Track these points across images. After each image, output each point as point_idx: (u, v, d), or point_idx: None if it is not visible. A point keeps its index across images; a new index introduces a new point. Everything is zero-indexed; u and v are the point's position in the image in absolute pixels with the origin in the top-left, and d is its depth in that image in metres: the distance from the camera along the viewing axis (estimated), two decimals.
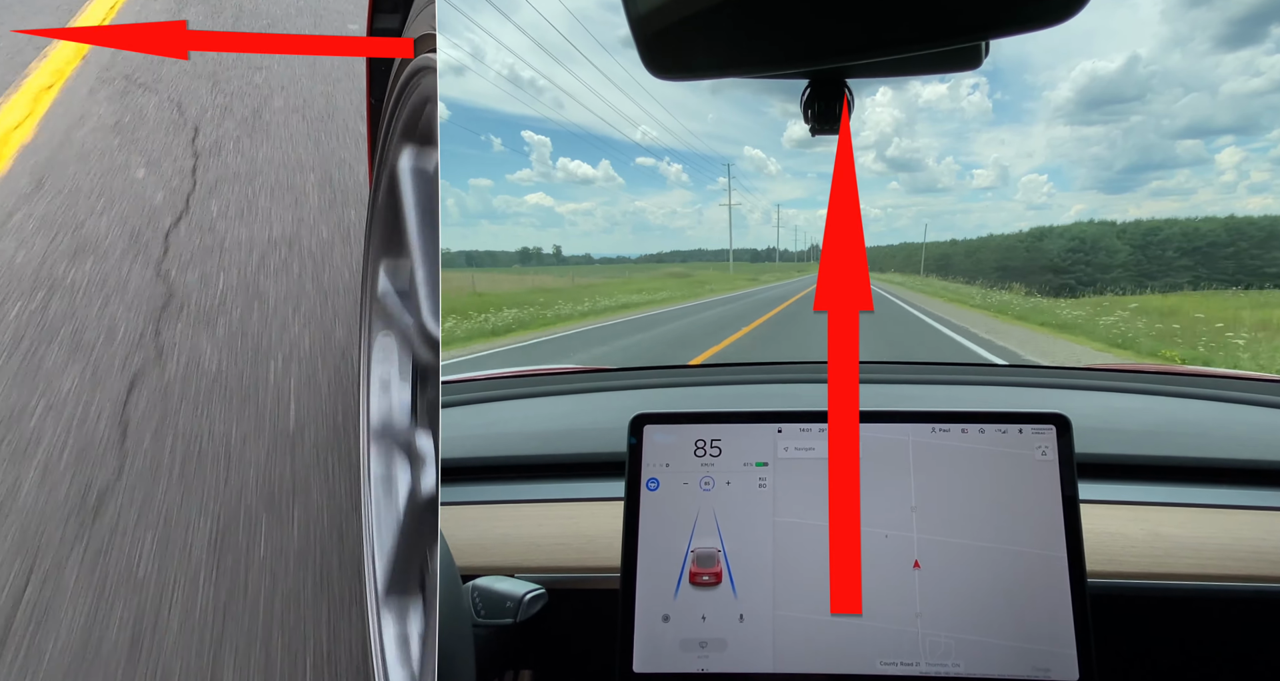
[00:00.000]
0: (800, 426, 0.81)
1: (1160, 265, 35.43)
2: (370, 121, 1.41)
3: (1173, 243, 36.30)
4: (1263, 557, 0.85)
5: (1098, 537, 0.86)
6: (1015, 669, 0.74)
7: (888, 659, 0.75)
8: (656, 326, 14.44)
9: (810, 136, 0.57)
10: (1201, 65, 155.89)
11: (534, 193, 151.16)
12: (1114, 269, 35.51)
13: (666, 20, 0.46)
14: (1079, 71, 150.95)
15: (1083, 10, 0.40)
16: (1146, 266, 35.97)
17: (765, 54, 0.45)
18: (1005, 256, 42.61)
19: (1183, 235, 36.12)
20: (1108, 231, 39.22)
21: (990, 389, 1.34)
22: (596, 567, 0.89)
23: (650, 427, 0.82)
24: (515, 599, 0.80)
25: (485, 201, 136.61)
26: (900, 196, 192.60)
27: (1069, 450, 0.78)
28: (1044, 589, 0.75)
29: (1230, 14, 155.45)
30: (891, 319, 15.72)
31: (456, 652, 0.72)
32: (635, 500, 0.80)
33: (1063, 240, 39.18)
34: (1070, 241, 38.62)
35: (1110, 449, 1.02)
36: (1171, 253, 35.72)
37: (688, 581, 0.78)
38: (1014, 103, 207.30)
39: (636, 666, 0.77)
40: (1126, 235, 38.37)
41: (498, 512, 0.99)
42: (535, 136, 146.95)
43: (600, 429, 1.17)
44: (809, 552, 0.78)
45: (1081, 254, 37.01)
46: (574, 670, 0.93)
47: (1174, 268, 34.72)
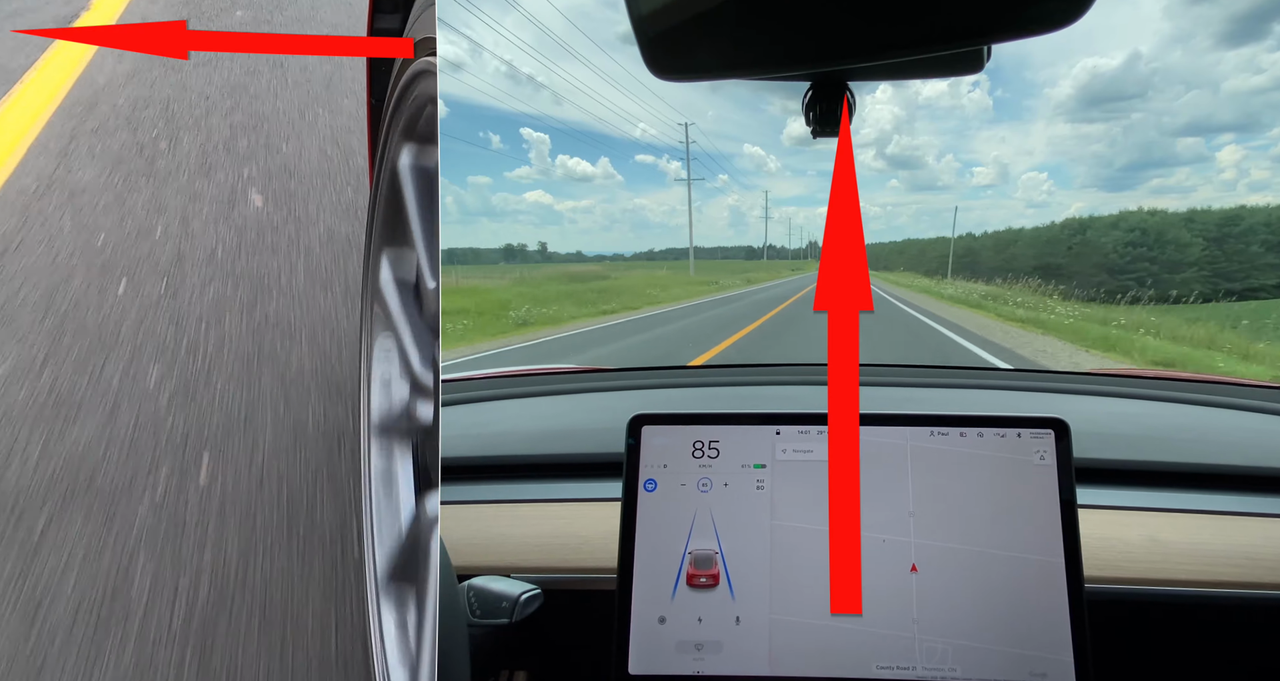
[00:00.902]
0: (799, 428, 0.81)
1: (1242, 263, 28.74)
2: (370, 121, 1.41)
3: (1257, 234, 29.57)
4: (1260, 564, 0.85)
5: (1095, 542, 0.86)
6: (1012, 674, 0.74)
7: (884, 663, 0.75)
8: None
9: (811, 137, 0.57)
10: (1203, 62, 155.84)
11: (533, 190, 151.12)
12: (1185, 267, 29.01)
13: (669, 21, 0.46)
14: (1080, 68, 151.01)
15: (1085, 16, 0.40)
16: (1224, 264, 29.16)
17: (767, 55, 0.45)
18: (1044, 252, 34.88)
19: (1265, 226, 29.53)
20: (1172, 221, 31.66)
21: (989, 393, 1.34)
22: (593, 568, 0.88)
23: (648, 428, 0.82)
24: (511, 599, 0.80)
25: (484, 199, 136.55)
26: (900, 194, 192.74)
27: (1067, 454, 0.78)
28: (1041, 594, 0.75)
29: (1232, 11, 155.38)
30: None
31: (452, 652, 0.72)
32: (633, 501, 0.80)
33: (1118, 232, 31.76)
34: (1128, 233, 31.50)
35: (1108, 454, 1.02)
36: (1256, 247, 29.22)
37: (685, 583, 0.78)
38: (1014, 100, 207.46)
39: (632, 668, 0.77)
40: (1196, 224, 30.97)
41: (494, 512, 0.99)
42: (534, 134, 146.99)
43: (598, 429, 1.17)
44: (806, 555, 0.78)
45: (1144, 248, 30.39)
46: (569, 671, 0.93)
47: (1257, 266, 28.42)
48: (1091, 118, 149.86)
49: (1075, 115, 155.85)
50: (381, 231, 1.22)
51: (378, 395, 1.23)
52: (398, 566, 1.10)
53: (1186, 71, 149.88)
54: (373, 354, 1.24)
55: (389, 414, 1.22)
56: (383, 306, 1.21)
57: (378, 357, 1.24)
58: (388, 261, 1.22)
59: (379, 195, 1.20)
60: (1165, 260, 30.11)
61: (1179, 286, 23.92)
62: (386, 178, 1.15)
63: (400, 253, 1.21)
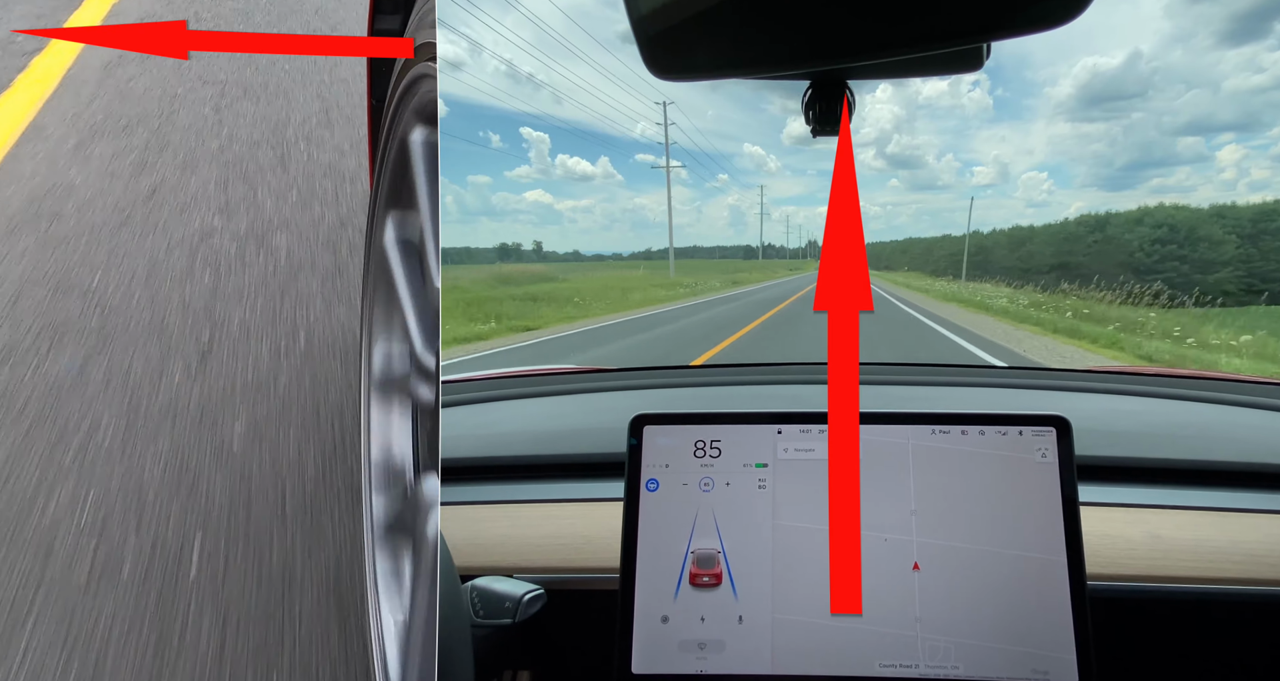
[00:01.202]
0: (800, 427, 0.81)
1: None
2: (371, 122, 1.41)
3: None
4: (1261, 560, 0.85)
5: (1097, 540, 0.86)
6: (1014, 672, 0.74)
7: (887, 661, 0.75)
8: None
9: (811, 137, 0.57)
10: (1204, 61, 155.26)
11: (533, 189, 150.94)
12: (1219, 266, 26.52)
13: (668, 20, 0.46)
14: (1080, 68, 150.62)
15: (1084, 13, 0.40)
16: (1260, 264, 26.69)
17: (767, 54, 0.45)
18: (1061, 250, 32.17)
19: None
20: (1199, 217, 28.70)
21: (990, 391, 1.34)
22: (595, 568, 0.89)
23: (650, 428, 0.82)
24: (514, 599, 0.80)
25: (484, 198, 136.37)
26: (900, 193, 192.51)
27: (1069, 452, 0.78)
28: (1043, 591, 0.75)
29: (1234, 9, 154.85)
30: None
31: (455, 652, 0.72)
32: (635, 501, 0.80)
33: (1143, 228, 28.67)
34: (1154, 230, 28.37)
35: (1110, 451, 1.02)
36: None
37: (688, 582, 0.78)
38: (1014, 99, 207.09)
39: (635, 667, 0.77)
40: (1227, 220, 28.31)
41: (497, 513, 0.99)
42: (534, 133, 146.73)
43: (600, 429, 1.17)
44: (808, 554, 0.78)
45: (1173, 246, 27.66)
46: (572, 671, 0.93)
47: None
48: (1092, 117, 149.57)
49: (1075, 114, 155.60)
50: (383, 225, 1.22)
51: (378, 396, 1.23)
52: (400, 567, 1.10)
53: (1187, 70, 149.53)
54: (373, 355, 1.24)
55: (389, 415, 1.22)
56: (383, 306, 1.21)
57: (378, 359, 1.24)
58: (388, 263, 1.22)
59: (379, 195, 1.20)
60: (1197, 259, 27.50)
61: (1211, 288, 22.13)
62: (387, 177, 1.15)
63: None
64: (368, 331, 1.27)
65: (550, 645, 0.90)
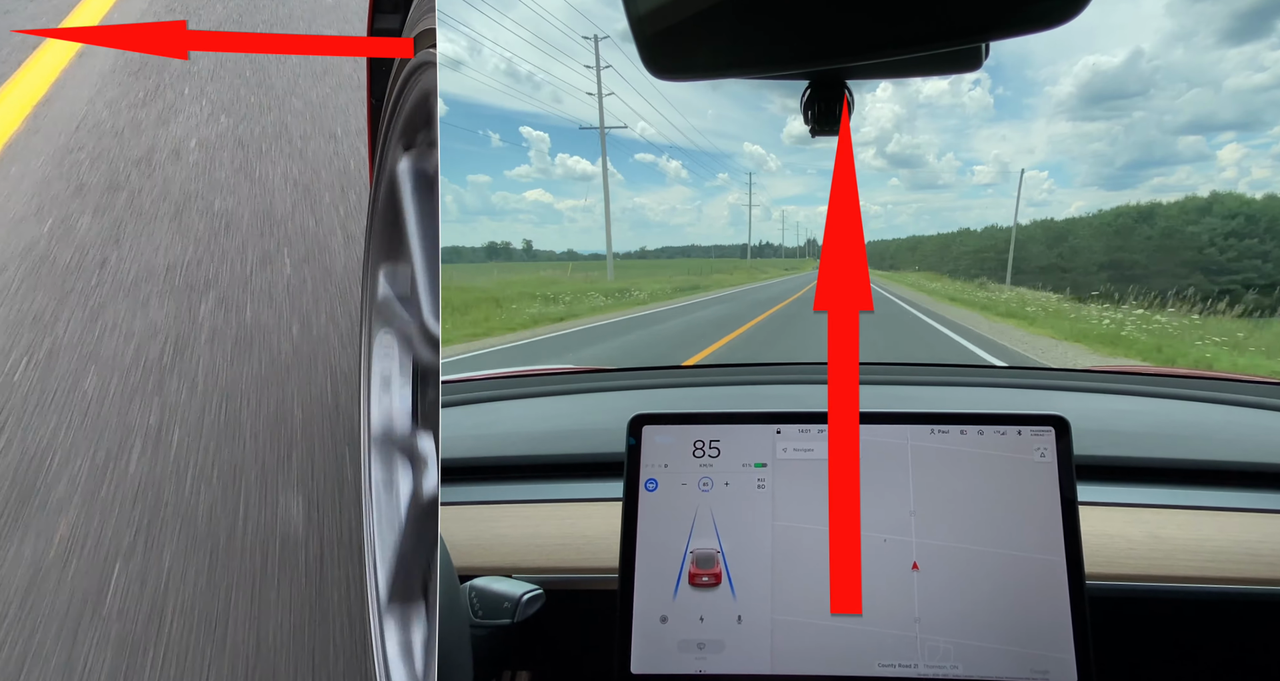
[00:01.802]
0: (799, 427, 0.81)
1: None
2: (371, 121, 1.41)
3: None
4: (1261, 559, 0.85)
5: (1096, 540, 0.86)
6: (1014, 671, 0.74)
7: (886, 661, 0.75)
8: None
9: (810, 136, 0.57)
10: (1205, 60, 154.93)
11: (533, 189, 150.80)
12: None
13: (667, 20, 0.46)
14: (1081, 66, 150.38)
15: (1083, 13, 0.40)
16: None
17: (766, 54, 0.45)
18: (1112, 245, 27.35)
19: None
20: (1273, 205, 23.25)
21: (990, 391, 1.34)
22: (595, 568, 0.89)
23: (649, 428, 0.82)
24: (513, 599, 0.80)
25: (484, 198, 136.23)
26: (900, 193, 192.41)
27: (1068, 452, 0.78)
28: (1043, 591, 0.75)
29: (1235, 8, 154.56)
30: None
31: (454, 653, 0.72)
32: (634, 500, 0.80)
33: (1212, 220, 23.59)
34: (1224, 221, 23.15)
35: (1109, 451, 1.02)
36: None
37: (687, 582, 0.78)
38: (1015, 98, 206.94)
39: (634, 667, 0.77)
40: None
41: (496, 513, 0.99)
42: (534, 132, 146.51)
43: (599, 429, 1.17)
44: (808, 554, 0.78)
45: (1253, 240, 22.42)
46: (571, 671, 0.93)
47: None
48: (1093, 116, 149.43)
49: (1076, 113, 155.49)
50: (382, 233, 1.22)
51: (378, 396, 1.23)
52: (399, 567, 1.10)
53: (1188, 69, 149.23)
54: (372, 355, 1.24)
55: (389, 415, 1.22)
56: (382, 307, 1.21)
57: (377, 358, 1.24)
58: (388, 264, 1.22)
59: (379, 194, 1.20)
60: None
61: None
62: (387, 177, 1.15)
63: (401, 254, 1.21)
64: (368, 331, 1.27)
65: (549, 645, 0.90)
